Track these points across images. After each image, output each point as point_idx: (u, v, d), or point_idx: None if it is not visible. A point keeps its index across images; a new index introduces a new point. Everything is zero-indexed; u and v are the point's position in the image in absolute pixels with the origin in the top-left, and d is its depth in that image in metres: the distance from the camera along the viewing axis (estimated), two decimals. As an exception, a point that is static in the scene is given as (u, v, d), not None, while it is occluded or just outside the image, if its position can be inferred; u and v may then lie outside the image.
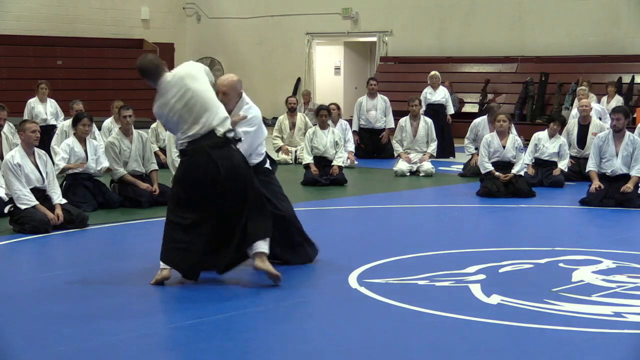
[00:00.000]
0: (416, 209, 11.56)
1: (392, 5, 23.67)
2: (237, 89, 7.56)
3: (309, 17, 24.73)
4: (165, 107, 6.89)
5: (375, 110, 17.19)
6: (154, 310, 6.49)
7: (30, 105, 16.01)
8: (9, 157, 9.48)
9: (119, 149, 11.27)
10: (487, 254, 8.21)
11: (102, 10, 24.89)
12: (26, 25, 23.20)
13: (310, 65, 25.11)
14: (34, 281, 7.35)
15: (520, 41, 21.70)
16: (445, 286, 7.02)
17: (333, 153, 13.60)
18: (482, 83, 21.48)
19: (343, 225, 10.49)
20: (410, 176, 14.44)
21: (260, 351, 5.53)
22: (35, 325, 6.07)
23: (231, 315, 6.31)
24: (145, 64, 6.98)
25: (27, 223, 9.24)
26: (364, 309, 6.47)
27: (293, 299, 6.73)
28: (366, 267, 7.63)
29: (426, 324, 6.08)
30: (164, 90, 6.92)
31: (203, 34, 26.61)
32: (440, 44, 22.95)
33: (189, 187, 6.89)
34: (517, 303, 6.49)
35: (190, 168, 6.88)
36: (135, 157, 11.34)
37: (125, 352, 5.48)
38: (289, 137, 16.61)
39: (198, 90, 6.90)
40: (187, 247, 6.88)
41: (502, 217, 11.01)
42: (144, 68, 6.99)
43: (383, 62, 23.93)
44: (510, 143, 12.34)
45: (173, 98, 6.88)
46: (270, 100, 25.10)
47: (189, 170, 6.90)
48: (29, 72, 21.62)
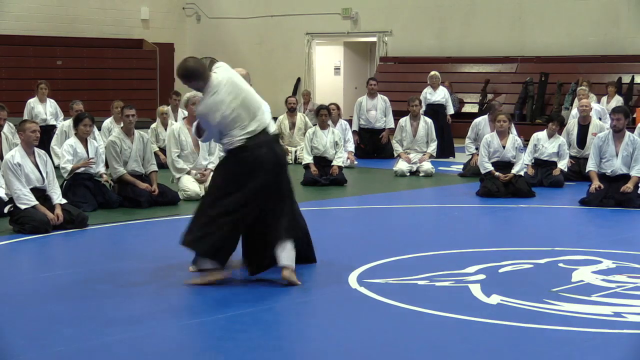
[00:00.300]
0: (416, 209, 11.56)
1: (392, 6, 23.67)
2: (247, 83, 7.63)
3: (308, 17, 24.73)
4: (221, 104, 7.02)
5: (375, 110, 17.20)
6: (154, 311, 6.49)
7: (30, 105, 16.02)
8: (9, 156, 9.48)
9: (119, 148, 11.28)
10: (487, 254, 8.22)
11: (101, 10, 24.89)
12: (26, 25, 23.20)
13: (310, 65, 25.11)
14: (34, 281, 7.35)
15: (520, 41, 21.70)
16: (445, 286, 7.02)
17: (333, 153, 13.60)
18: (482, 83, 21.48)
19: (343, 225, 10.49)
20: (410, 176, 14.45)
21: (261, 351, 5.53)
22: (36, 325, 6.07)
23: (231, 315, 6.31)
24: (194, 66, 7.10)
25: (27, 223, 9.25)
26: (363, 309, 6.47)
27: (293, 299, 6.73)
28: (366, 267, 7.64)
29: (426, 324, 6.09)
30: (214, 90, 7.05)
31: (203, 34, 26.61)
32: (440, 44, 22.95)
33: (246, 179, 7.01)
34: (517, 303, 6.50)
35: (253, 160, 7.03)
36: (136, 157, 11.34)
37: (125, 353, 5.48)
38: (289, 137, 16.62)
39: (249, 90, 7.29)
40: (231, 230, 7.01)
41: (502, 217, 11.01)
42: (193, 70, 7.08)
43: (383, 62, 23.93)
44: (510, 143, 12.34)
45: (229, 96, 7.05)
46: (270, 100, 24.64)
47: (251, 162, 7.03)
48: (29, 72, 21.60)
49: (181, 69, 7.11)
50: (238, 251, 7.23)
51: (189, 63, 7.13)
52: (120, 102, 15.07)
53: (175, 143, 11.84)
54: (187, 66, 7.09)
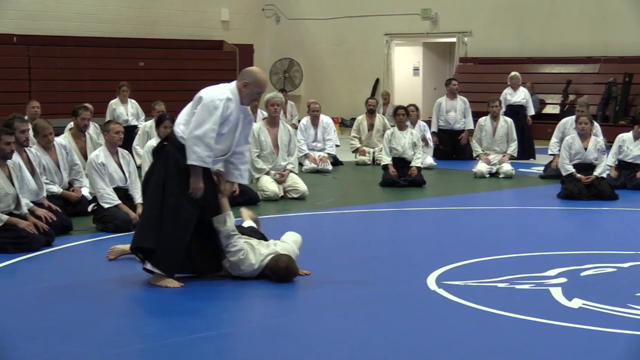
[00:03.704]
0: (496, 210, 11.45)
1: (471, 6, 23.48)
2: None
3: (387, 17, 24.67)
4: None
5: (455, 111, 17.10)
6: (227, 308, 6.54)
7: (111, 106, 16.30)
8: (94, 156, 9.67)
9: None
10: (568, 257, 8.10)
11: (182, 12, 25.18)
12: (109, 28, 23.59)
13: (389, 66, 25.05)
14: (115, 279, 7.46)
15: (603, 41, 21.33)
16: (525, 289, 6.94)
17: (411, 154, 13.54)
18: (564, 84, 21.17)
19: (421, 226, 10.44)
20: (490, 178, 14.32)
21: (335, 352, 5.54)
22: (119, 321, 6.18)
23: (302, 316, 6.34)
24: None
25: (110, 222, 9.41)
26: (442, 311, 6.43)
27: (370, 299, 6.72)
28: (445, 269, 7.59)
29: (505, 328, 6.02)
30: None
31: (282, 35, 26.74)
32: (521, 44, 22.69)
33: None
34: (600, 307, 6.39)
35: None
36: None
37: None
38: (367, 139, 16.61)
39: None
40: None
41: (584, 220, 10.84)
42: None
43: (462, 63, 23.76)
44: (592, 145, 12.15)
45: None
46: (349, 101, 25.12)
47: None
48: (112, 74, 21.96)
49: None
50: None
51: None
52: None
53: (254, 143, 11.92)
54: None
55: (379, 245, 8.97)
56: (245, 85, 7.12)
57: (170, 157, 7.07)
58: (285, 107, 19.01)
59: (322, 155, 15.51)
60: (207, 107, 6.98)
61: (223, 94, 7.06)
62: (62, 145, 10.50)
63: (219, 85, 7.19)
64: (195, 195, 7.01)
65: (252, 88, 7.15)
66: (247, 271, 7.16)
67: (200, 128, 6.95)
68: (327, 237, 9.49)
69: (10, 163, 8.62)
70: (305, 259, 7.48)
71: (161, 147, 7.21)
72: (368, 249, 8.79)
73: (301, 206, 11.40)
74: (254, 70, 7.33)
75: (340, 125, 23.96)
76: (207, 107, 6.98)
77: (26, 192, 8.99)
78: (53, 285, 7.22)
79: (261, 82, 7.20)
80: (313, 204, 11.57)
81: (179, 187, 7.00)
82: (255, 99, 7.45)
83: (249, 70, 7.31)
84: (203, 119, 6.96)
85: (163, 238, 6.98)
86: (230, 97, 7.05)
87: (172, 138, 7.12)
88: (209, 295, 6.81)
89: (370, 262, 8.08)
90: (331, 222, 10.52)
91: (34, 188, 9.24)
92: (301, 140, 15.32)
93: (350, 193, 12.98)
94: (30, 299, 6.81)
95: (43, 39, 22.31)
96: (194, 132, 6.95)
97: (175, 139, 7.08)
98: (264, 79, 7.27)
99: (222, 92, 7.07)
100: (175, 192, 7.00)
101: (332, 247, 8.90)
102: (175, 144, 7.06)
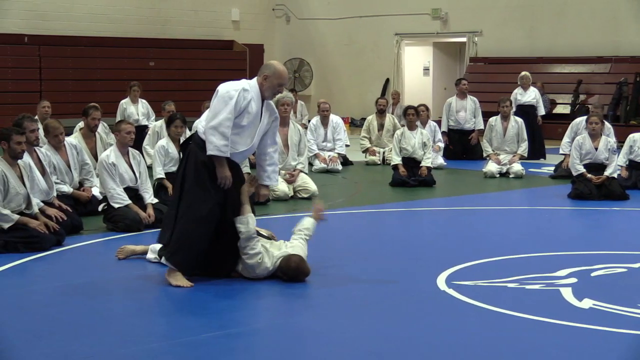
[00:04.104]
0: (506, 210, 11.44)
1: (481, 5, 23.45)
2: None
3: (398, 17, 24.67)
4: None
5: (465, 111, 17.07)
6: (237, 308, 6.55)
7: (122, 106, 16.32)
8: (104, 156, 9.68)
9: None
10: (578, 258, 8.08)
11: (193, 12, 25.22)
12: (119, 27, 23.64)
13: (399, 66, 25.04)
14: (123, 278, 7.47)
15: (613, 41, 21.27)
16: (535, 289, 6.93)
17: (421, 154, 13.53)
18: (575, 84, 21.12)
19: (431, 226, 10.43)
20: (500, 178, 14.30)
21: (345, 351, 5.54)
22: (129, 320, 6.19)
23: (312, 314, 6.34)
24: None
25: (120, 221, 9.43)
26: (452, 311, 6.42)
27: (380, 299, 6.72)
28: (455, 269, 7.58)
29: (515, 328, 6.01)
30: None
31: (292, 35, 26.76)
32: (531, 44, 22.65)
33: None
34: (610, 308, 6.37)
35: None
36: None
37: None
38: (377, 139, 16.60)
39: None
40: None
41: (594, 220, 10.82)
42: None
43: (472, 63, 23.73)
44: (603, 145, 12.12)
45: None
46: (359, 101, 25.12)
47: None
48: (123, 74, 22.02)
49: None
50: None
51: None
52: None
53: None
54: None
55: (389, 245, 8.97)
56: (265, 78, 7.12)
57: (191, 155, 7.13)
58: (296, 107, 19.02)
59: (332, 155, 15.50)
60: (222, 97, 7.02)
61: (239, 84, 7.10)
62: (73, 145, 10.52)
63: (241, 81, 7.22)
64: (224, 184, 7.01)
65: (273, 80, 7.13)
66: (261, 274, 7.19)
67: (216, 118, 6.96)
68: (336, 237, 9.48)
69: (21, 163, 8.64)
70: (315, 259, 7.49)
71: (185, 146, 7.29)
72: (378, 249, 8.78)
73: (311, 206, 11.33)
74: (273, 63, 7.32)
75: (350, 125, 23.96)
76: (222, 98, 7.02)
77: (37, 192, 9.02)
78: (63, 284, 7.24)
79: (281, 74, 7.17)
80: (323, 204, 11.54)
81: (197, 184, 7.02)
82: (278, 92, 7.34)
83: (268, 63, 7.32)
84: (218, 109, 6.99)
85: (177, 234, 7.03)
86: (246, 88, 7.04)
87: (195, 136, 7.18)
88: (219, 294, 6.82)
89: (380, 262, 8.07)
90: (341, 222, 10.51)
91: (44, 188, 9.27)
92: (311, 140, 15.32)
93: (360, 193, 12.98)
94: (41, 298, 6.83)
95: (54, 39, 22.38)
96: (210, 123, 6.98)
97: (197, 137, 7.14)
98: (284, 71, 7.23)
99: (238, 84, 7.12)
100: (193, 189, 7.02)
101: (341, 247, 8.90)
102: (197, 141, 7.12)
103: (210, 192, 7.02)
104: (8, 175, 8.41)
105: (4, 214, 8.33)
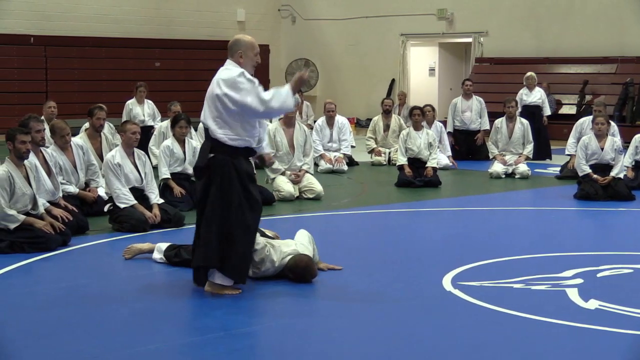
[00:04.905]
0: (511, 211, 11.42)
1: (487, 6, 23.43)
2: None
3: (403, 18, 24.66)
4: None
5: (470, 111, 17.06)
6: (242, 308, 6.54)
7: (128, 106, 16.33)
8: (110, 157, 9.69)
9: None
10: (584, 258, 8.07)
11: (198, 12, 25.23)
12: (125, 28, 23.66)
13: (404, 67, 25.03)
14: (130, 279, 7.48)
15: (620, 41, 21.24)
16: (541, 290, 6.92)
17: (427, 154, 13.52)
18: (580, 84, 21.10)
19: (437, 227, 10.42)
20: (506, 178, 14.28)
21: (351, 352, 5.53)
22: (134, 321, 6.19)
23: (319, 316, 6.34)
24: None
25: (126, 222, 9.43)
26: (457, 311, 6.41)
27: (386, 299, 6.71)
28: (460, 270, 7.57)
29: (521, 328, 6.00)
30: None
31: (298, 36, 26.76)
32: (537, 44, 22.62)
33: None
34: (616, 308, 6.36)
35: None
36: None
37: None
38: (383, 139, 16.59)
39: None
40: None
41: (600, 221, 10.80)
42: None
43: (478, 63, 23.71)
44: (609, 145, 12.09)
45: None
46: (365, 102, 25.11)
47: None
48: (128, 74, 22.06)
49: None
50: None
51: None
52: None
53: (270, 143, 11.92)
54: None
55: (395, 246, 8.96)
56: (241, 55, 6.83)
57: (222, 168, 6.74)
58: (301, 107, 19.01)
59: (337, 156, 15.50)
60: (247, 82, 6.71)
61: (236, 71, 6.76)
62: (79, 146, 10.53)
63: (222, 73, 6.83)
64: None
65: (249, 53, 6.86)
66: (268, 271, 7.16)
67: (264, 95, 6.71)
68: (342, 238, 9.49)
69: (27, 163, 8.65)
70: (321, 259, 7.49)
71: (208, 162, 6.79)
72: (383, 249, 8.78)
73: (316, 206, 11.40)
74: (238, 37, 6.94)
75: (356, 125, 23.95)
76: (247, 83, 6.72)
77: (42, 192, 9.03)
78: (69, 285, 7.25)
79: (252, 43, 6.89)
80: (328, 204, 11.57)
81: (240, 197, 6.73)
82: (257, 63, 6.96)
83: (235, 40, 6.91)
84: (255, 90, 6.70)
85: (236, 252, 6.74)
86: (242, 71, 6.77)
87: (217, 146, 6.76)
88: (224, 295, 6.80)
89: (386, 263, 8.07)
90: (347, 223, 10.51)
91: (50, 188, 9.28)
92: (317, 140, 15.31)
93: (365, 193, 12.97)
94: (46, 299, 6.83)
95: (60, 39, 22.42)
96: (265, 101, 6.70)
97: (222, 145, 6.75)
98: (252, 38, 6.94)
99: (233, 70, 6.78)
100: (237, 204, 6.73)
101: (347, 247, 8.89)
102: (224, 150, 6.75)
103: (257, 201, 6.85)
104: (14, 176, 8.42)
105: (10, 215, 8.34)
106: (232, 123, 6.76)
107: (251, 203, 6.81)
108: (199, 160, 6.94)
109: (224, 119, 6.77)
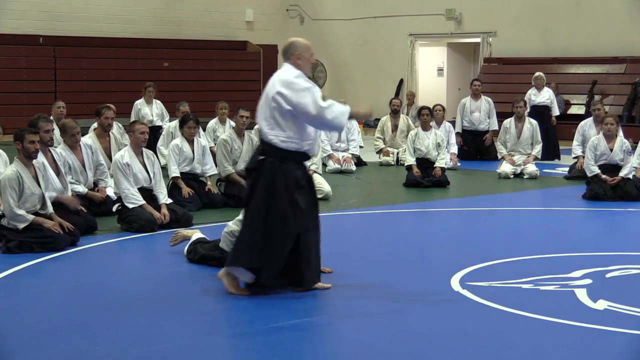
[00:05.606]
0: (520, 211, 11.41)
1: (496, 6, 23.40)
2: None
3: (412, 18, 24.64)
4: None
5: (479, 111, 17.04)
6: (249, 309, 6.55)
7: (137, 107, 16.36)
8: (119, 156, 9.71)
9: (230, 147, 11.42)
10: (593, 258, 8.05)
11: (207, 12, 25.27)
12: (134, 28, 23.71)
13: (413, 67, 25.02)
14: (138, 279, 7.49)
15: (629, 41, 21.18)
16: (550, 290, 6.91)
17: (435, 154, 13.51)
18: (589, 84, 21.05)
19: (445, 227, 10.41)
20: (514, 178, 14.26)
21: (359, 352, 5.53)
22: (142, 320, 6.20)
23: (325, 314, 6.33)
24: None
25: (134, 222, 9.45)
26: (466, 312, 6.41)
27: (394, 300, 6.71)
28: (469, 270, 7.56)
29: (530, 329, 5.99)
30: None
31: (306, 36, 26.26)
32: (546, 44, 22.58)
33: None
34: (625, 309, 6.35)
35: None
36: (245, 157, 11.39)
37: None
38: (391, 139, 16.58)
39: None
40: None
41: (609, 221, 10.77)
42: None
43: (487, 63, 23.68)
44: (618, 146, 12.06)
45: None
46: (373, 102, 25.10)
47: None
48: (137, 74, 22.09)
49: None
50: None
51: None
52: (224, 103, 15.29)
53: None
54: None
55: (403, 246, 8.95)
56: (299, 57, 6.87)
57: (273, 171, 6.69)
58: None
59: (345, 156, 15.50)
60: (308, 88, 6.73)
61: (292, 72, 6.79)
62: (88, 145, 10.56)
63: (279, 74, 6.87)
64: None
65: (306, 54, 6.91)
66: None
67: (321, 103, 6.70)
68: (350, 238, 9.49)
69: (36, 163, 8.68)
70: (328, 260, 7.48)
71: (258, 162, 6.77)
72: (392, 250, 8.77)
73: (325, 207, 11.38)
74: (293, 40, 7.00)
75: (364, 125, 23.94)
76: (307, 89, 6.73)
77: (51, 192, 9.04)
78: (77, 284, 7.27)
79: (307, 44, 6.94)
80: (337, 204, 11.57)
81: (283, 204, 6.68)
82: (313, 63, 7.03)
83: (290, 42, 6.96)
84: (302, 95, 6.68)
85: (269, 253, 6.72)
86: (300, 72, 6.80)
87: (269, 150, 6.72)
88: (231, 295, 6.80)
89: (394, 263, 8.07)
90: (355, 223, 10.51)
91: (58, 188, 9.29)
92: (325, 140, 15.30)
93: (374, 193, 12.97)
94: (55, 299, 6.85)
95: (69, 39, 22.48)
96: (315, 110, 6.65)
97: (273, 148, 6.71)
98: (306, 41, 7.00)
99: (291, 72, 6.80)
100: (282, 207, 6.67)
101: (355, 247, 8.89)
102: (276, 154, 6.70)
103: (301, 209, 6.75)
104: (23, 176, 8.44)
105: (19, 214, 8.37)
106: (283, 124, 6.70)
107: (294, 210, 6.70)
108: (250, 162, 6.97)
109: (276, 119, 6.72)
